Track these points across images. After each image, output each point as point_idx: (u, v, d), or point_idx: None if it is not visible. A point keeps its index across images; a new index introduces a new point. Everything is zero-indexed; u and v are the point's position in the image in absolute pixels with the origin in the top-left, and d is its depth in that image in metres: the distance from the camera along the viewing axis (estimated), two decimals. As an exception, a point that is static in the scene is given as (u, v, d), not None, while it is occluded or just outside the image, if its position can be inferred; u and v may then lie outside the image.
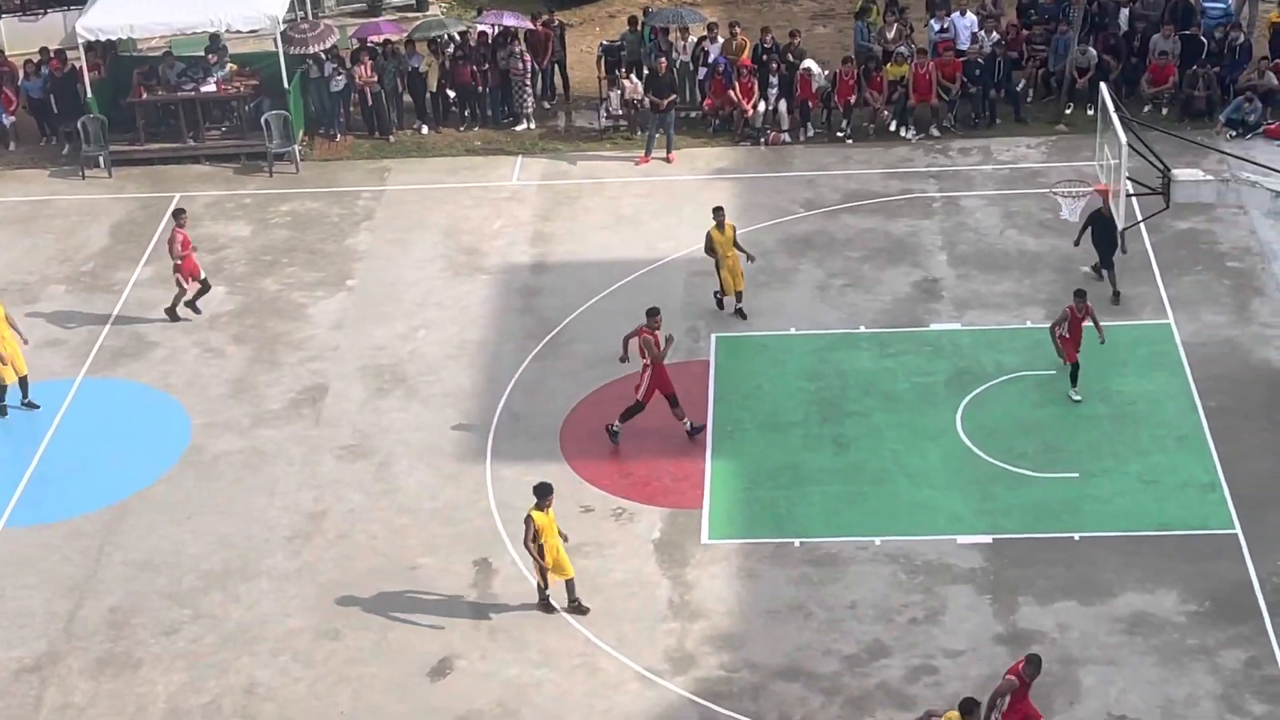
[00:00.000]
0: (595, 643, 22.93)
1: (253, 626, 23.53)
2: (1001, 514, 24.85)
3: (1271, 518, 24.42)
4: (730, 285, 28.98)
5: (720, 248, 28.74)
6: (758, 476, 25.86)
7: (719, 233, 28.71)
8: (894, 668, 22.28)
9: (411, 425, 27.40)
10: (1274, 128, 34.33)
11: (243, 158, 35.86)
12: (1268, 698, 21.42)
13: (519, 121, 36.54)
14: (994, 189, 33.23)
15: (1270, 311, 28.94)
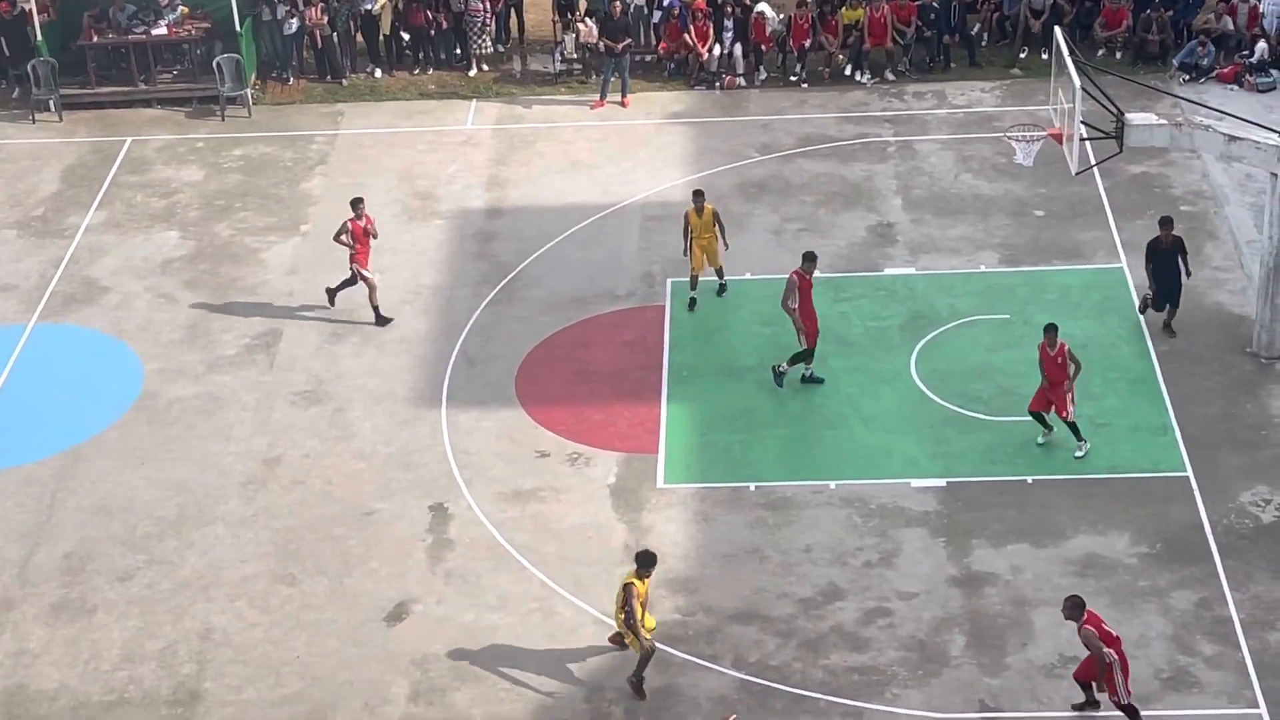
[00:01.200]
0: (551, 587, 22.99)
1: (208, 572, 23.51)
2: (955, 457, 24.98)
3: (1223, 460, 24.61)
4: (701, 262, 28.05)
5: (694, 229, 27.93)
6: (713, 421, 25.91)
7: (696, 216, 27.91)
8: (849, 610, 22.41)
9: (366, 370, 27.35)
10: (1227, 71, 34.43)
11: (194, 101, 35.61)
12: (1218, 638, 21.64)
13: (473, 65, 36.37)
14: (948, 133, 33.26)
15: (1222, 256, 29.09)
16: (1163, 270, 26.76)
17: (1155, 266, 26.84)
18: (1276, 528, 23.39)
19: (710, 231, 27.99)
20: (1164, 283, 26.81)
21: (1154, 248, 26.84)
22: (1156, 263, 26.82)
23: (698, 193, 28.22)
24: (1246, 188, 30.57)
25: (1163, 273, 26.77)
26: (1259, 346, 26.61)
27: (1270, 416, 25.44)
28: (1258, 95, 33.76)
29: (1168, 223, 26.85)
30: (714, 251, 28.16)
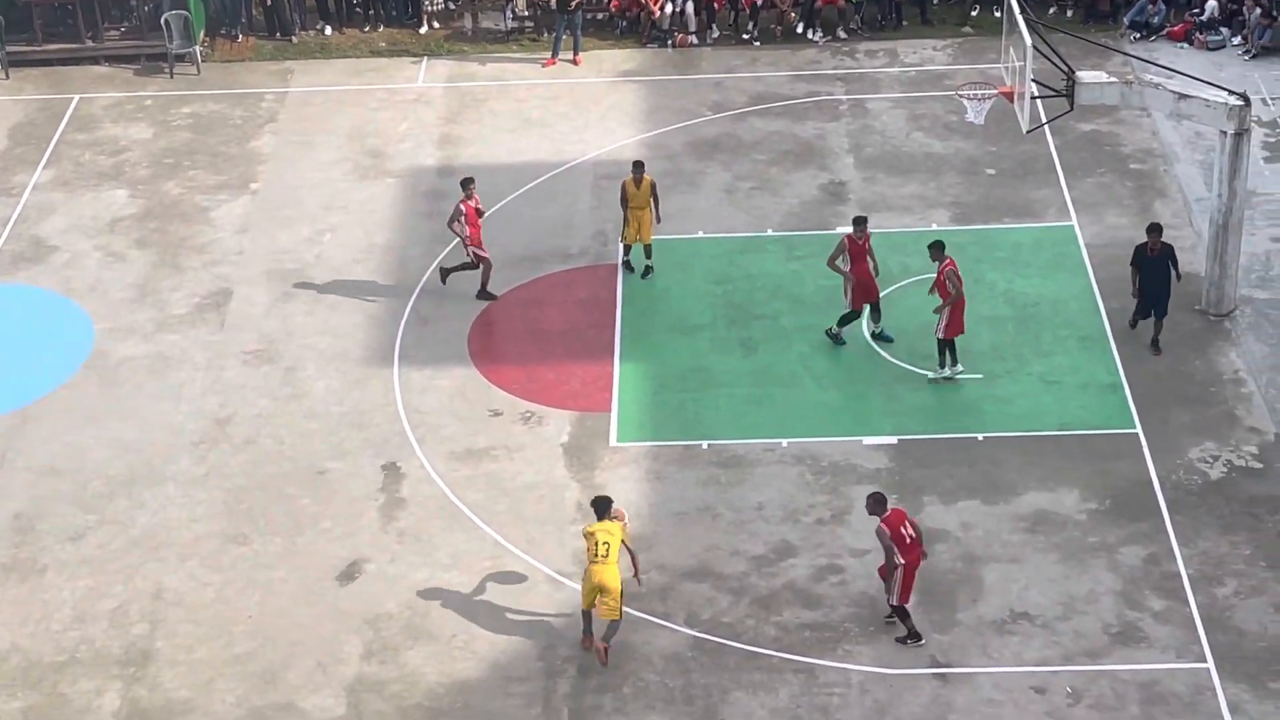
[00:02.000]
0: (504, 545, 23.01)
1: (159, 532, 23.43)
2: (906, 415, 25.08)
3: (1172, 417, 24.78)
4: (634, 233, 27.79)
5: (630, 199, 27.70)
6: (666, 379, 25.94)
7: (633, 186, 27.63)
8: (800, 567, 22.51)
9: (318, 330, 27.25)
10: (1177, 29, 34.54)
11: (143, 59, 35.32)
12: (1166, 593, 21.82)
13: (424, 22, 36.18)
14: (900, 91, 33.27)
15: (1172, 213, 29.22)
16: (1150, 278, 25.67)
17: (1143, 274, 25.76)
18: (1225, 484, 23.59)
19: (645, 205, 27.79)
20: (1150, 290, 25.72)
21: (1140, 254, 25.80)
22: (1144, 270, 25.74)
23: (638, 164, 28.01)
24: (1196, 145, 30.71)
25: (1150, 280, 25.68)
26: (1208, 304, 26.77)
27: (1219, 373, 25.62)
28: (1207, 53, 33.88)
29: (1156, 230, 25.75)
30: (646, 225, 27.80)
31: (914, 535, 21.07)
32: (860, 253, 25.94)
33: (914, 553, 21.00)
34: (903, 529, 20.94)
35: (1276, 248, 28.16)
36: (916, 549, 21.04)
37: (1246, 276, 27.24)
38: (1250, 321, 26.57)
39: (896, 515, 21.06)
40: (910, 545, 20.96)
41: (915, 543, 21.05)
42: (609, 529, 21.05)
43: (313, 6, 36.50)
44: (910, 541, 20.98)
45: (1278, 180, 29.88)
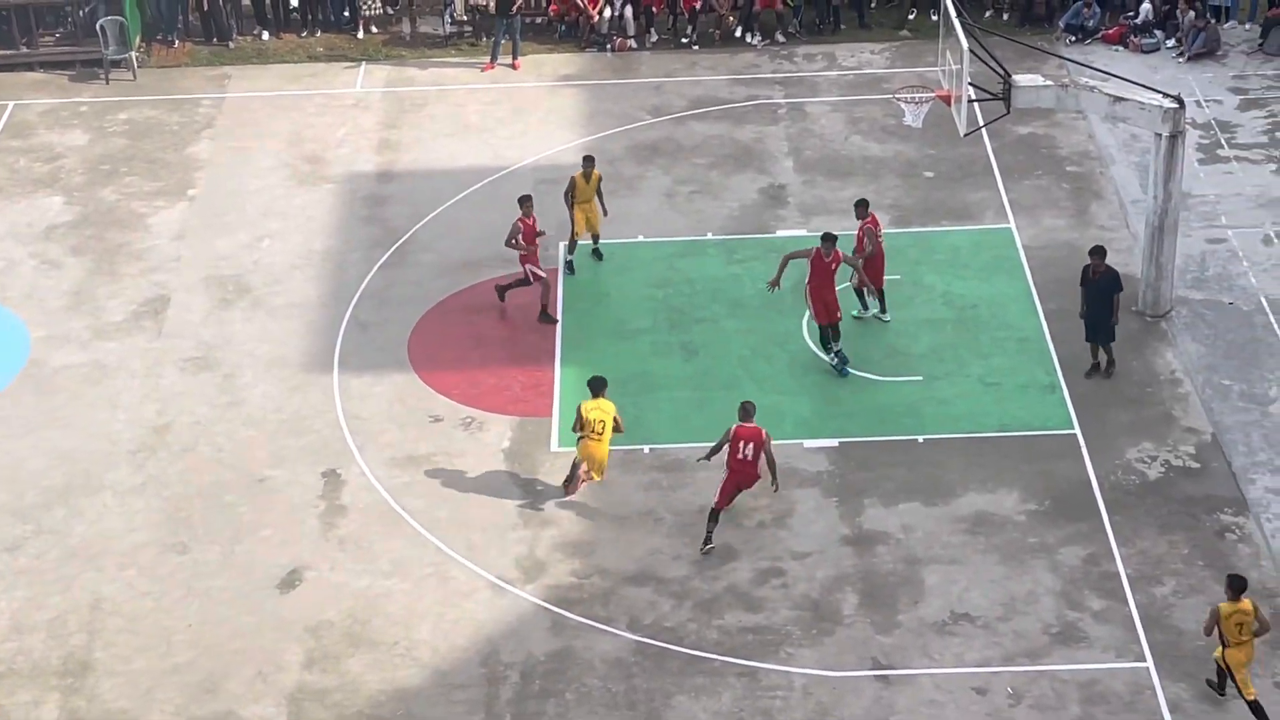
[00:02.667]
0: (446, 552, 22.94)
1: (97, 541, 23.25)
2: (847, 418, 25.14)
3: (1110, 417, 24.93)
4: (583, 225, 27.99)
5: (579, 193, 27.88)
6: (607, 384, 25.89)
7: (583, 181, 27.82)
8: (742, 570, 22.53)
9: (257, 336, 27.12)
10: (1112, 32, 34.78)
11: (78, 65, 35.08)
12: (1105, 593, 21.95)
13: (361, 27, 36.04)
14: (839, 95, 33.37)
15: (1108, 215, 29.42)
16: (1093, 302, 25.43)
17: (1086, 297, 25.55)
18: (1163, 483, 23.75)
19: (592, 198, 27.92)
20: (1090, 314, 25.49)
21: (1085, 275, 25.58)
22: (1087, 294, 25.52)
23: (588, 158, 28.15)
24: (1132, 147, 30.92)
25: (1091, 304, 25.45)
26: (1144, 305, 26.95)
27: (1156, 374, 25.80)
28: (1142, 56, 34.14)
29: (1096, 252, 25.48)
30: (594, 214, 28.06)
31: (749, 457, 22.48)
32: (824, 271, 25.68)
33: (739, 468, 22.57)
34: (741, 445, 22.50)
35: (1211, 249, 28.38)
36: (745, 466, 22.56)
37: (1182, 277, 27.44)
38: (1186, 322, 26.77)
39: (746, 432, 22.50)
40: (740, 461, 22.54)
41: (747, 462, 22.55)
42: (603, 407, 22.89)
43: (250, 12, 36.34)
44: (741, 459, 22.52)
45: (1212, 182, 30.12)
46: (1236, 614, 19.65)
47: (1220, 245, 28.47)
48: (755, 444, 22.62)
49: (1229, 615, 19.67)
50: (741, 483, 22.88)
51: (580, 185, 27.86)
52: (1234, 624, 19.66)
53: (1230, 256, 28.18)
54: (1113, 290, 25.39)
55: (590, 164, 28.01)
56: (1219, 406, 25.05)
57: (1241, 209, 29.38)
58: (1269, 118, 32.06)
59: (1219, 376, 25.63)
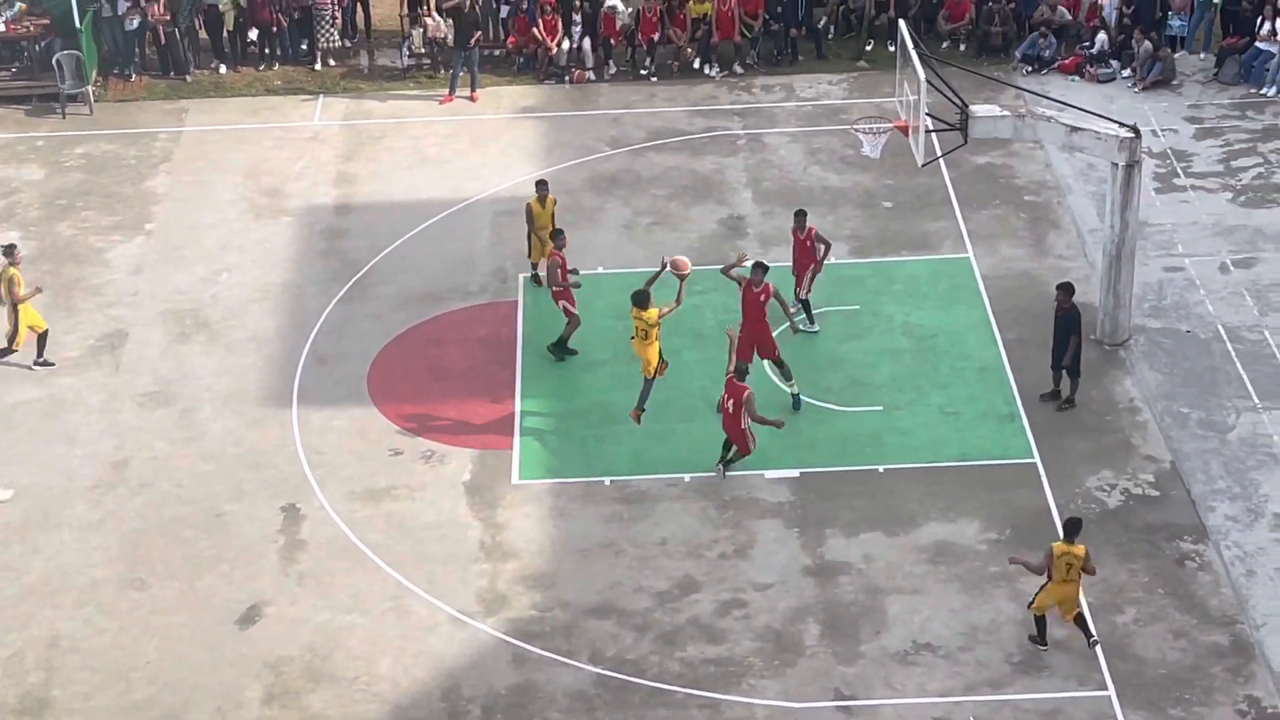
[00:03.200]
0: (406, 585, 22.84)
1: (55, 578, 23.08)
2: (808, 448, 25.15)
3: (1069, 446, 25.00)
4: (539, 253, 28.02)
5: (537, 219, 27.91)
6: (567, 416, 25.88)
7: (539, 206, 27.90)
8: (704, 602, 22.49)
9: (215, 370, 27.00)
10: (1068, 63, 34.97)
11: (34, 99, 34.92)
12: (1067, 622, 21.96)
13: (319, 60, 36.00)
14: (797, 126, 33.47)
15: (1066, 244, 29.55)
16: (1055, 335, 25.47)
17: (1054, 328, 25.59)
18: (1122, 512, 23.81)
19: (550, 224, 27.92)
20: (1054, 345, 25.52)
21: (1054, 312, 25.63)
22: (1054, 326, 25.58)
23: (541, 183, 28.20)
24: (1089, 177, 31.07)
25: (1055, 337, 25.48)
26: (1102, 334, 27.06)
27: (1115, 402, 25.89)
28: (1098, 86, 34.33)
29: (1062, 288, 25.50)
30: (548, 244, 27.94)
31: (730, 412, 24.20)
32: (753, 303, 25.63)
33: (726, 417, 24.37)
34: (724, 399, 24.32)
35: (1169, 277, 28.52)
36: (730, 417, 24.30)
37: (1140, 306, 27.56)
38: (1144, 350, 26.88)
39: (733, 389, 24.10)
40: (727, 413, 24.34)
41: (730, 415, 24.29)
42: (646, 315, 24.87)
43: (207, 45, 36.25)
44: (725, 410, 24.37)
45: (1169, 211, 30.29)
46: (1068, 555, 21.14)
47: (1177, 274, 28.62)
48: (740, 404, 24.13)
49: (1061, 555, 21.13)
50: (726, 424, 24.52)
51: (537, 210, 27.91)
52: (1064, 564, 21.12)
53: (1187, 285, 28.33)
54: (1068, 330, 25.44)
55: (544, 188, 28.09)
56: (1178, 434, 25.15)
57: (1198, 237, 29.55)
58: (1224, 146, 32.28)
59: (1177, 404, 25.73)
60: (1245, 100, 33.78)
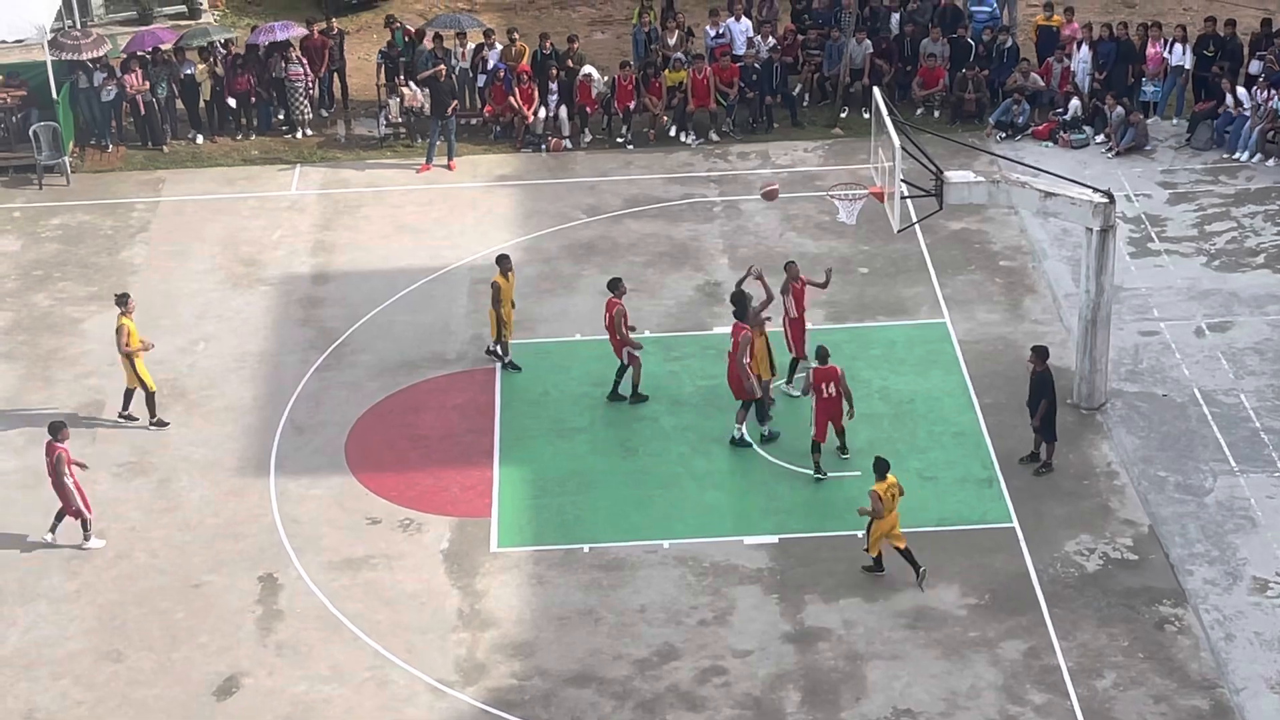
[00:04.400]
0: (385, 655, 22.74)
1: (30, 650, 22.94)
2: (787, 514, 25.15)
3: (1047, 510, 25.02)
4: (505, 329, 28.03)
5: (505, 295, 27.87)
6: (545, 483, 25.85)
7: (504, 281, 27.87)
8: (684, 669, 22.42)
9: (192, 440, 26.93)
10: (1042, 129, 35.20)
11: (11, 170, 34.95)
12: (1047, 686, 21.95)
13: (295, 129, 36.12)
14: (773, 192, 33.58)
15: (1042, 309, 29.66)
16: (1031, 399, 25.62)
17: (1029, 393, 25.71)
18: (1101, 576, 23.81)
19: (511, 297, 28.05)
20: (1030, 407, 25.67)
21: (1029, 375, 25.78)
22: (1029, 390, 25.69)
23: (503, 257, 28.13)
24: (1064, 242, 31.23)
25: (1031, 401, 25.62)
26: (1079, 398, 27.13)
27: (1092, 466, 25.93)
28: (1072, 151, 34.54)
29: (1035, 351, 25.62)
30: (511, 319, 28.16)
31: (833, 394, 25.34)
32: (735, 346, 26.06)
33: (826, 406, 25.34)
34: (823, 385, 25.23)
35: (1145, 341, 28.63)
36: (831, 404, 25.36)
37: (1116, 370, 27.66)
38: (1121, 415, 26.95)
39: (824, 372, 25.29)
40: (825, 400, 25.27)
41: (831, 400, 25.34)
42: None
43: (184, 115, 36.34)
44: (826, 397, 25.26)
45: (1144, 275, 30.44)
46: (889, 488, 23.30)
47: (1153, 338, 28.74)
48: (834, 382, 25.37)
49: (885, 490, 23.26)
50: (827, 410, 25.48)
51: (504, 287, 27.89)
52: (890, 496, 23.38)
53: (1163, 349, 28.44)
54: (1040, 393, 25.50)
55: (507, 262, 28.10)
56: (1155, 498, 25.19)
57: (1173, 301, 29.69)
58: (1198, 211, 32.48)
59: (1155, 468, 25.79)
60: (1218, 165, 34.02)
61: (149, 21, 40.42)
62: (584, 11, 42.14)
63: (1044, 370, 25.53)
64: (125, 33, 38.97)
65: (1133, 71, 35.67)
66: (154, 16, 40.85)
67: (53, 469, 24.55)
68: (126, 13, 41.05)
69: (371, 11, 41.68)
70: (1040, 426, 25.59)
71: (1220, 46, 35.40)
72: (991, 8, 37.29)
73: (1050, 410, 25.51)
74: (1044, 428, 25.59)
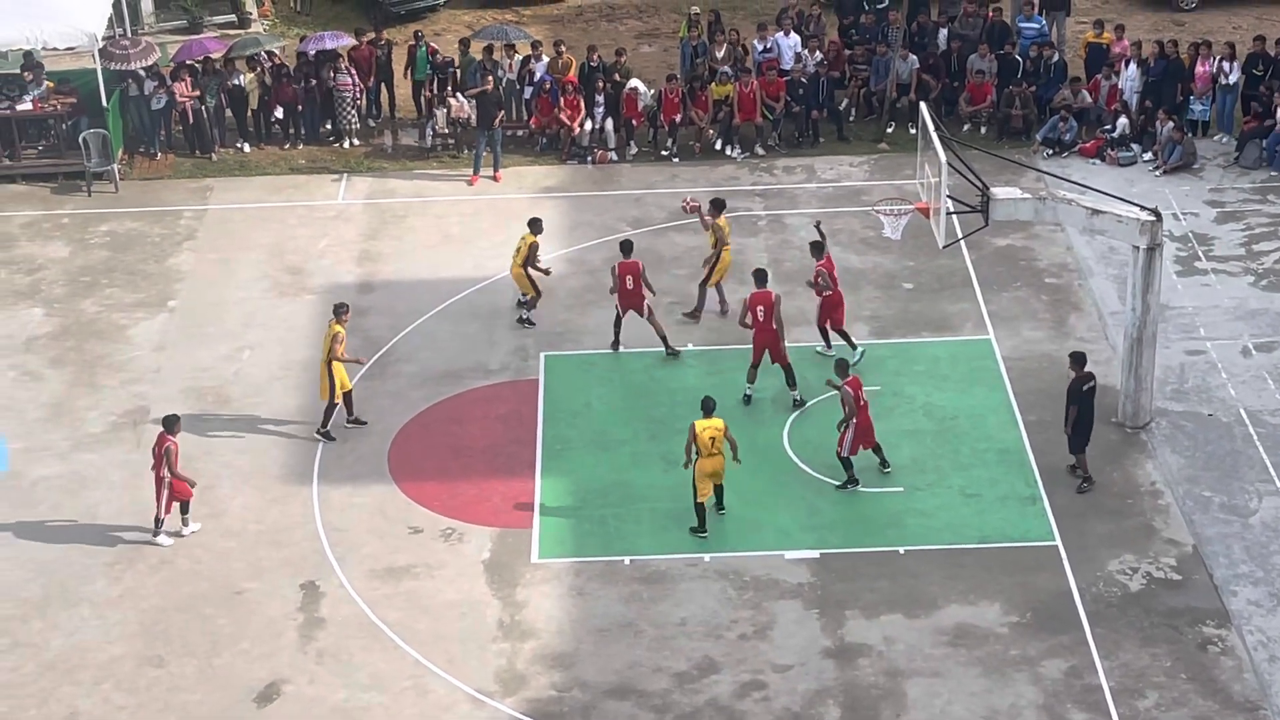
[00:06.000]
0: (425, 664, 22.78)
1: (73, 654, 23.07)
2: (828, 529, 25.10)
3: (1090, 529, 24.92)
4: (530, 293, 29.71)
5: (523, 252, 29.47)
6: (587, 495, 25.87)
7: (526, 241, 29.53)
8: (723, 684, 22.39)
9: (236, 448, 27.04)
10: (1089, 146, 35.07)
11: (60, 177, 35.18)
12: (1088, 706, 21.85)
13: (343, 139, 36.27)
14: (818, 207, 33.55)
15: (1087, 327, 29.55)
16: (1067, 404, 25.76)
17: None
18: (1144, 595, 23.70)
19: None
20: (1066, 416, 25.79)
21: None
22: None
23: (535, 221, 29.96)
24: (1110, 260, 31.10)
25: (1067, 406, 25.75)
26: (1124, 416, 27.01)
27: (1136, 485, 25.81)
28: (1119, 169, 34.41)
29: (1071, 358, 25.88)
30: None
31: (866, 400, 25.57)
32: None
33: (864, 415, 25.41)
34: (860, 392, 25.40)
35: (1190, 360, 28.49)
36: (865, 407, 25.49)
37: (1161, 389, 27.52)
38: (1166, 434, 26.82)
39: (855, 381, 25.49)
40: (864, 407, 25.40)
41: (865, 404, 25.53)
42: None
43: (232, 124, 36.53)
44: (864, 404, 25.43)
45: (1190, 294, 30.29)
46: (709, 429, 24.20)
47: (1199, 357, 28.59)
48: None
49: (703, 430, 24.16)
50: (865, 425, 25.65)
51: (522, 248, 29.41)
52: (707, 438, 24.19)
53: (1209, 368, 28.30)
54: (1069, 401, 25.61)
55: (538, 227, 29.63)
56: (1200, 518, 25.06)
57: (1220, 321, 29.54)
58: (1245, 230, 32.31)
59: (1199, 488, 25.65)
60: (1266, 184, 33.84)
61: (199, 31, 40.65)
62: (631, 24, 42.20)
63: (1078, 376, 25.49)
64: (175, 41, 39.21)
65: (1181, 89, 35.53)
66: (204, 26, 41.07)
67: (160, 461, 24.75)
68: (177, 22, 41.29)
69: (420, 22, 41.83)
70: (1070, 434, 25.51)
71: (1270, 65, 35.23)
72: (1040, 24, 37.19)
73: (1079, 418, 25.46)
74: (1073, 435, 25.51)
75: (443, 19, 41.92)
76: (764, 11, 40.11)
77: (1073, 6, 38.97)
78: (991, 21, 36.99)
